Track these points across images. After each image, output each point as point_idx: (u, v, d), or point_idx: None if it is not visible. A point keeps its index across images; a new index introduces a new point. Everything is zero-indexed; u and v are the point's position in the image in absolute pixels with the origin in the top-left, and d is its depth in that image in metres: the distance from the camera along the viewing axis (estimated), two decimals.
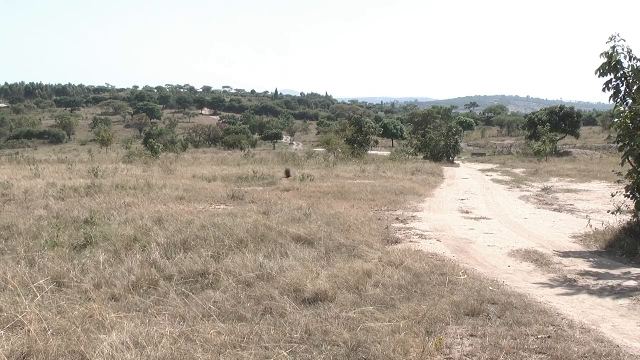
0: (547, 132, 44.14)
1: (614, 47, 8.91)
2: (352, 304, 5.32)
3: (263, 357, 4.11)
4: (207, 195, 14.11)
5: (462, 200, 16.13)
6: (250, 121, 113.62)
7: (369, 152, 46.10)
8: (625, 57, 8.88)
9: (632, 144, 8.75)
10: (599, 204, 13.93)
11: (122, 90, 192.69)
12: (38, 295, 5.16)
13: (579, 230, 10.39)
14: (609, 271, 7.44)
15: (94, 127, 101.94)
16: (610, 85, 9.06)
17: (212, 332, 4.45)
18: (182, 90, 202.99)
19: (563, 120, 52.12)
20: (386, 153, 48.58)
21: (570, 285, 6.70)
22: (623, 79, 8.95)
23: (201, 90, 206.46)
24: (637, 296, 6.15)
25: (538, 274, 7.29)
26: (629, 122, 8.81)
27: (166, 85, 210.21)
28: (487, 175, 27.50)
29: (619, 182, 9.66)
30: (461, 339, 4.65)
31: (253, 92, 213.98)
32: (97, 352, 4.01)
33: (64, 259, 6.69)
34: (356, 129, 44.32)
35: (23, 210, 10.91)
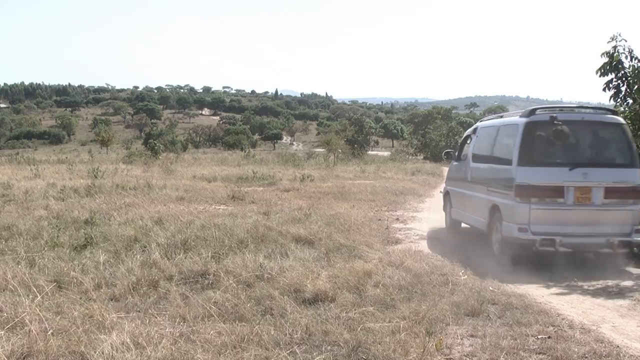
0: None
1: (615, 47, 8.93)
2: (352, 304, 5.32)
3: (263, 357, 4.11)
4: (207, 196, 14.10)
5: None
6: (250, 121, 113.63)
7: (369, 152, 46.16)
8: (626, 57, 8.91)
9: None
10: None
11: (122, 90, 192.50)
12: (38, 295, 5.15)
13: None
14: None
15: (94, 127, 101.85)
16: (610, 85, 9.09)
17: (212, 332, 4.45)
18: (182, 90, 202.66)
19: None
20: (386, 153, 48.61)
21: (570, 285, 6.71)
22: (624, 79, 8.98)
23: (201, 91, 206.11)
24: (636, 296, 6.15)
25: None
26: (629, 122, 8.82)
27: (166, 85, 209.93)
28: None
29: None
30: (461, 339, 4.66)
31: (253, 92, 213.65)
32: (97, 352, 4.01)
33: (64, 259, 6.69)
34: (356, 129, 44.38)
35: (23, 211, 10.90)
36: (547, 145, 7.50)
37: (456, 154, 10.47)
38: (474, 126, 10.02)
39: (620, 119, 7.89)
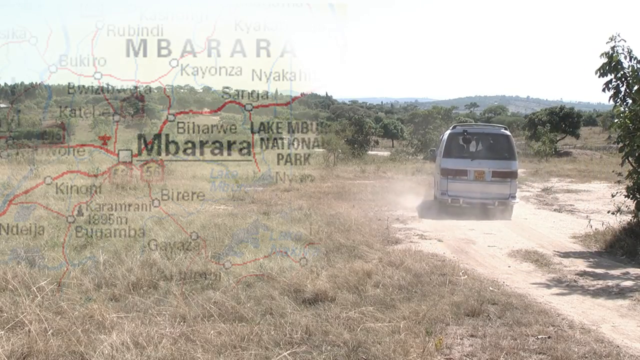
0: (547, 132, 44.13)
1: (614, 47, 8.92)
2: (352, 304, 5.33)
3: (263, 357, 4.11)
4: (207, 196, 14.09)
5: None
6: (250, 121, 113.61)
7: (369, 152, 46.07)
8: (625, 58, 8.89)
9: (632, 144, 8.75)
10: (599, 204, 13.92)
11: (122, 90, 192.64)
12: (38, 295, 5.16)
13: (579, 230, 10.39)
14: (609, 271, 7.44)
15: (94, 127, 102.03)
16: (610, 86, 9.07)
17: (212, 332, 4.45)
18: (182, 90, 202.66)
19: (563, 121, 52.06)
20: (386, 153, 48.51)
21: (570, 285, 6.71)
22: (623, 79, 8.96)
23: (201, 91, 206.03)
24: (636, 296, 6.15)
25: (538, 274, 7.29)
26: (628, 122, 8.81)
27: (166, 85, 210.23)
28: None
29: (619, 182, 9.66)
30: (461, 339, 4.66)
31: (253, 92, 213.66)
32: (97, 353, 4.01)
33: (64, 259, 6.69)
34: (356, 129, 44.26)
35: (23, 211, 10.89)
36: (459, 146, 13.04)
37: (437, 152, 14.84)
38: (443, 134, 15.15)
39: (507, 132, 13.22)
